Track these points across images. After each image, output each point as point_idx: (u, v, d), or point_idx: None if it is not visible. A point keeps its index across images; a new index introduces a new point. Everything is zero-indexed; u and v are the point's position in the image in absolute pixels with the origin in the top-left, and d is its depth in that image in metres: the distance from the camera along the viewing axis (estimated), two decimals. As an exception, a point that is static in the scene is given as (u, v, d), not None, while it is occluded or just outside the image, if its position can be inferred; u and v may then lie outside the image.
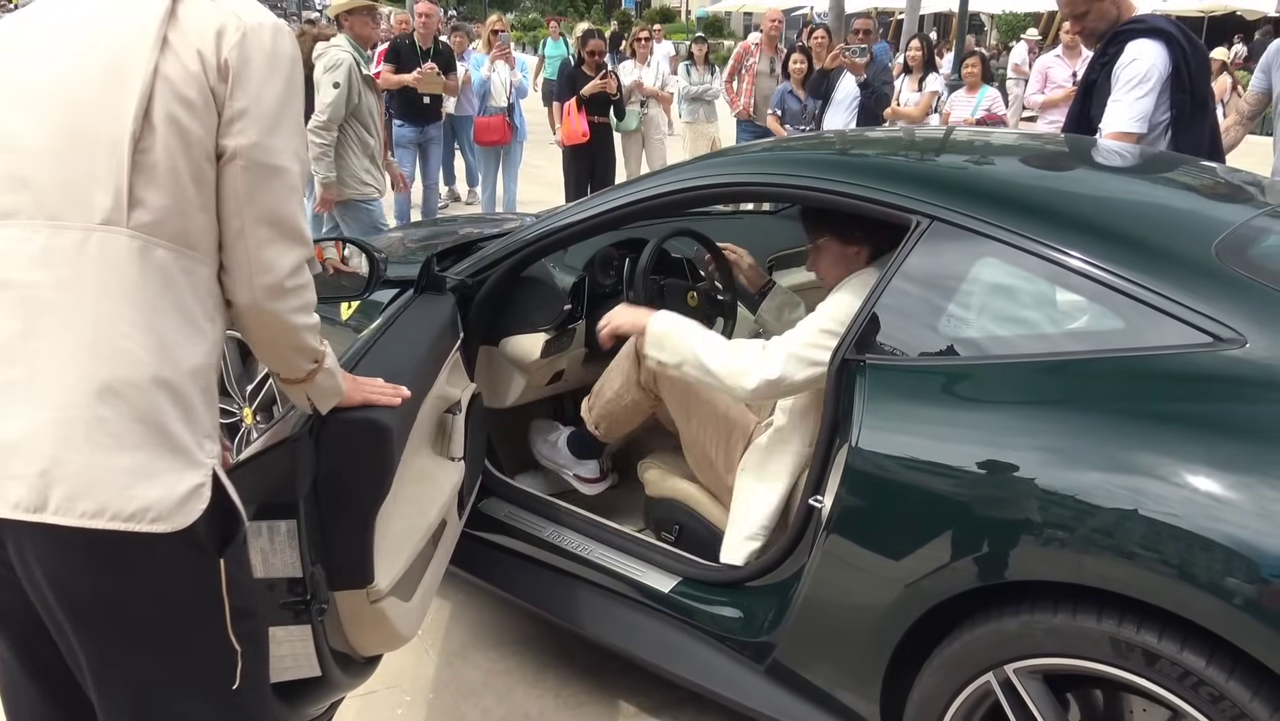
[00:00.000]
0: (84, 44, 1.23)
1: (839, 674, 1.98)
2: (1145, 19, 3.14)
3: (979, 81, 7.44)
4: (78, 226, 1.17)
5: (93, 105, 1.20)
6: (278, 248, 1.29)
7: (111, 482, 1.14)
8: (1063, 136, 3.08)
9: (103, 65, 1.21)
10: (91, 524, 1.13)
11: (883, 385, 1.89)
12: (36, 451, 1.13)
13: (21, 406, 1.15)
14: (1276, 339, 1.64)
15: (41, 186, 1.19)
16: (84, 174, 1.18)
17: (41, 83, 1.22)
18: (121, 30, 1.22)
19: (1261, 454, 1.52)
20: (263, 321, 1.33)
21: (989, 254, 1.91)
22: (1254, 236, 1.93)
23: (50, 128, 1.20)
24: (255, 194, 1.26)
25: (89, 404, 1.15)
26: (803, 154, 2.46)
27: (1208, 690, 1.49)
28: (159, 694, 1.25)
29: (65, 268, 1.17)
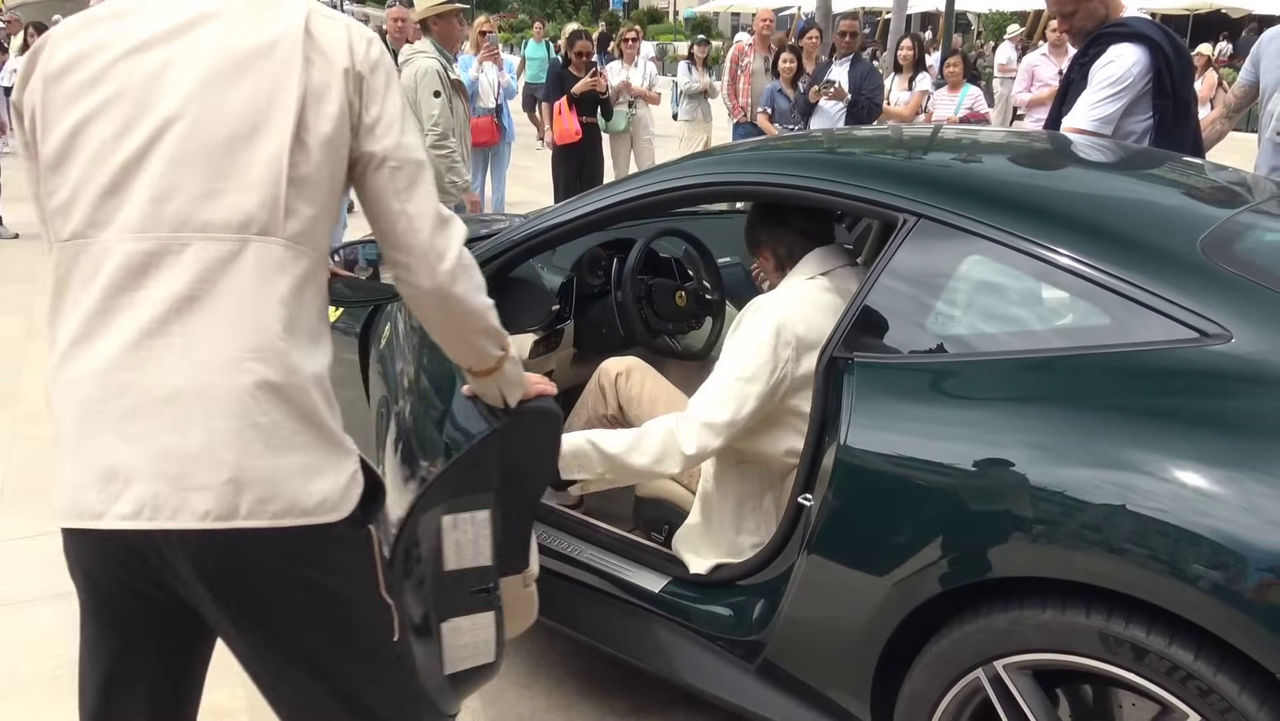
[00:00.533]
0: (227, 59, 1.24)
1: (829, 672, 1.98)
2: (1129, 22, 3.14)
3: (961, 80, 7.48)
4: (232, 238, 1.21)
5: (243, 121, 1.22)
6: (445, 233, 1.35)
7: (292, 482, 1.20)
8: (1048, 134, 3.09)
9: (253, 82, 1.23)
10: (279, 523, 1.20)
11: (871, 383, 1.89)
12: (220, 461, 1.17)
13: (195, 417, 1.18)
14: (1262, 334, 1.65)
15: (191, 199, 1.21)
16: (239, 186, 1.21)
17: (188, 96, 1.22)
18: (263, 46, 1.25)
19: (1248, 448, 1.53)
20: (449, 307, 1.39)
21: (976, 251, 1.91)
22: (1239, 232, 1.94)
23: (200, 141, 1.22)
24: (413, 189, 1.33)
25: (262, 409, 1.20)
26: (790, 153, 2.46)
27: (1196, 684, 1.49)
28: (342, 663, 1.32)
29: (223, 278, 1.20)
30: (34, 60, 1.26)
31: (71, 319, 1.22)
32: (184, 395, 1.18)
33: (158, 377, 1.18)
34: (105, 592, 1.27)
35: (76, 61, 1.23)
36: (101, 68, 1.22)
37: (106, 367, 1.19)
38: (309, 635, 1.29)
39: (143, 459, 1.17)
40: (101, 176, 1.21)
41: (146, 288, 1.19)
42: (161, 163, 1.21)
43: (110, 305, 1.20)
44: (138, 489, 1.17)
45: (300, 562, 1.25)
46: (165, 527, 1.17)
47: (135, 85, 1.22)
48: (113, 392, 1.18)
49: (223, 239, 1.21)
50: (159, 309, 1.19)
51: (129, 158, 1.21)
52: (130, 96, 1.22)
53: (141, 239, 1.20)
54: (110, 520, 1.18)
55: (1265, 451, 1.51)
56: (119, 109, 1.21)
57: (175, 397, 1.18)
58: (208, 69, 1.23)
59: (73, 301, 1.22)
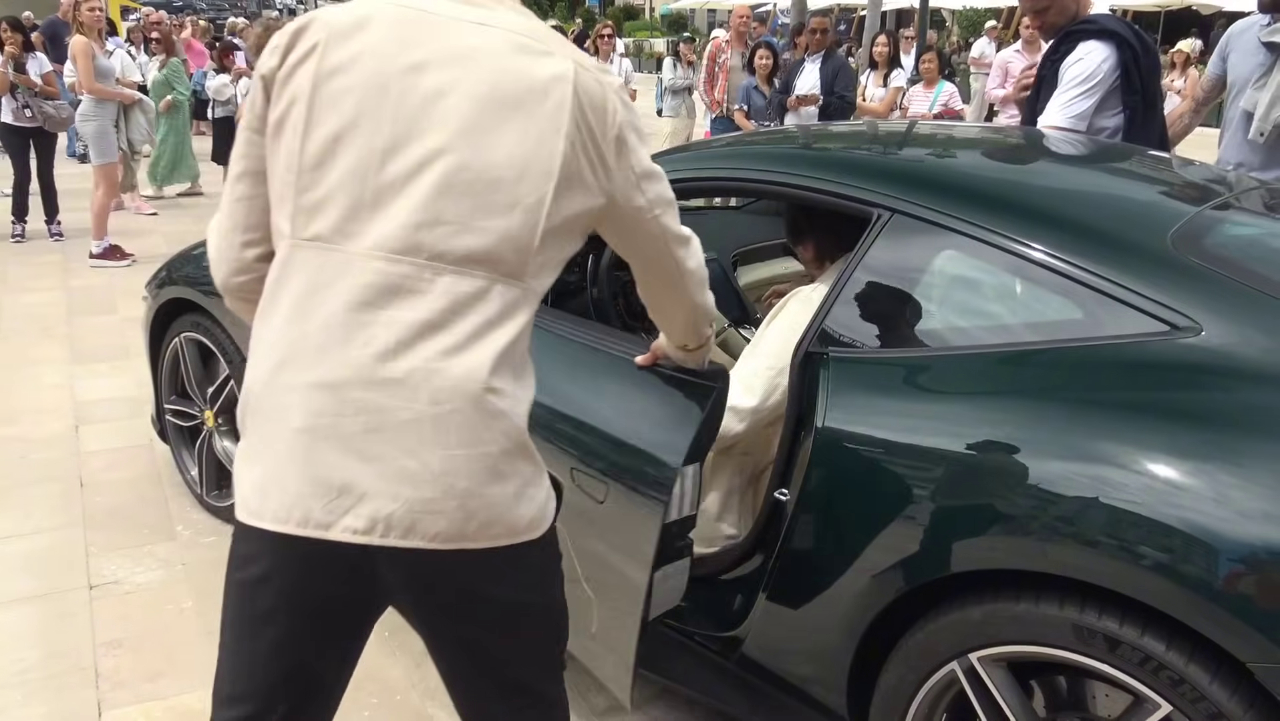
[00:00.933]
0: (499, 99, 1.25)
1: (806, 666, 1.99)
2: (1097, 19, 3.17)
3: (936, 77, 7.51)
4: (483, 276, 1.23)
5: (510, 165, 1.24)
6: (696, 258, 1.54)
7: (510, 507, 1.26)
8: (1021, 129, 3.10)
9: (521, 128, 1.25)
10: (496, 543, 1.26)
11: (846, 378, 1.90)
12: (453, 487, 1.21)
13: (433, 443, 1.21)
14: (1231, 327, 1.66)
15: (451, 232, 1.22)
16: (499, 229, 1.24)
17: (460, 130, 1.23)
18: (534, 91, 1.26)
19: (1218, 440, 1.54)
20: (698, 315, 1.65)
21: (950, 246, 1.92)
22: (1209, 226, 1.96)
23: (468, 177, 1.23)
24: (669, 229, 1.45)
25: (493, 438, 1.24)
26: (765, 148, 2.46)
27: (1168, 674, 1.50)
28: (522, 659, 1.39)
29: (469, 313, 1.23)
30: (294, 43, 1.25)
31: (299, 323, 1.22)
32: (424, 421, 1.20)
33: (399, 400, 1.19)
34: (295, 591, 1.27)
35: (350, 64, 1.23)
36: (376, 79, 1.23)
37: (345, 382, 1.19)
38: (498, 639, 1.36)
39: (380, 479, 1.20)
40: (362, 188, 1.21)
41: (394, 309, 1.20)
42: (426, 190, 1.21)
43: (353, 320, 1.20)
44: (371, 506, 1.20)
45: (504, 577, 1.31)
46: (396, 545, 1.21)
47: (409, 106, 1.22)
48: (350, 409, 1.19)
49: (475, 276, 1.23)
50: (404, 333, 1.20)
51: (395, 177, 1.22)
52: (404, 116, 1.22)
53: (397, 261, 1.21)
54: (338, 532, 1.20)
55: (1235, 443, 1.53)
56: (390, 126, 1.22)
57: (417, 422, 1.20)
58: (481, 106, 1.24)
59: (300, 303, 1.22)
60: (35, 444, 3.99)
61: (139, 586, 2.98)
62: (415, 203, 1.21)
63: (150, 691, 2.51)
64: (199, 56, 12.64)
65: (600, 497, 1.90)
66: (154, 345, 3.51)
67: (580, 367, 2.05)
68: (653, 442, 1.85)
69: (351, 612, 1.33)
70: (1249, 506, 1.45)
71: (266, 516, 1.22)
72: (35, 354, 5.10)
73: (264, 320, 1.27)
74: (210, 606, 2.84)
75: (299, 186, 1.23)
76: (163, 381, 3.50)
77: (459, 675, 1.42)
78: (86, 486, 3.64)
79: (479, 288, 1.23)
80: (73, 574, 3.03)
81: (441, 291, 1.21)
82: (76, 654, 2.65)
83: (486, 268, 1.24)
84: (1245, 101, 3.46)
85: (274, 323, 1.24)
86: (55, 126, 7.50)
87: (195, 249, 3.38)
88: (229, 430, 3.35)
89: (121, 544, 3.22)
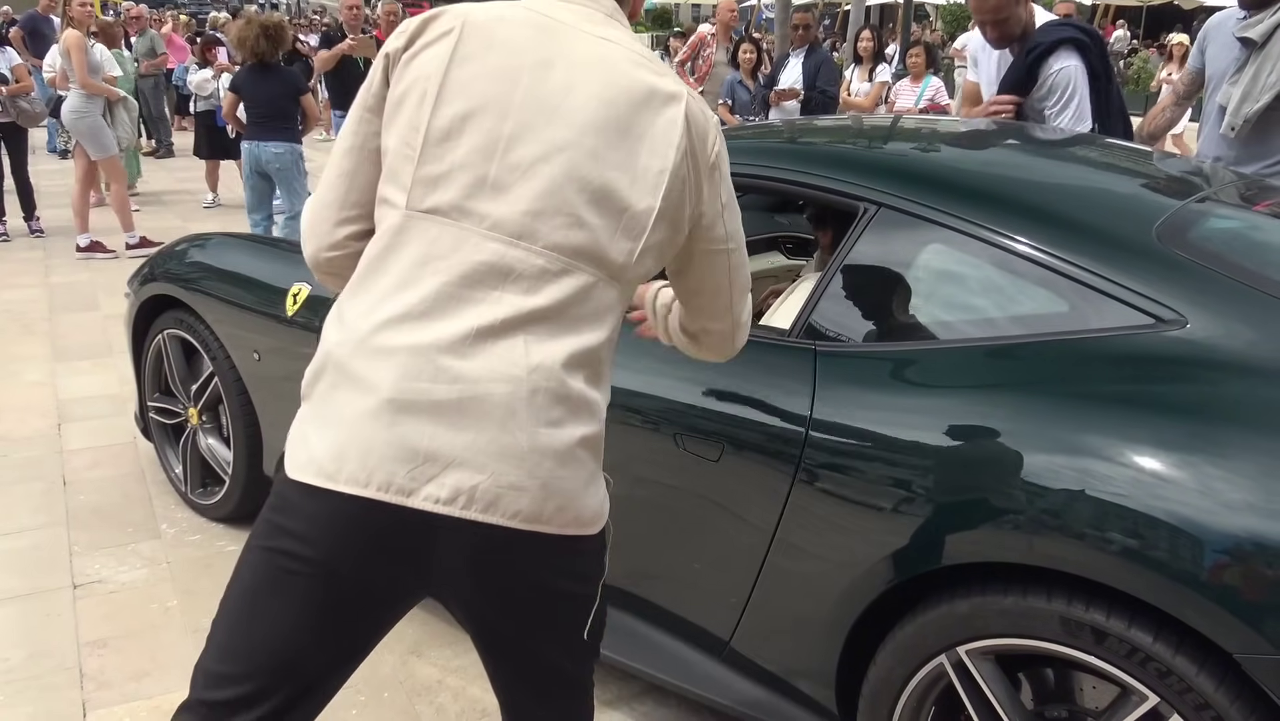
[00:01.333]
0: (620, 107, 1.29)
1: (794, 660, 1.99)
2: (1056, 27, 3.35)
3: (923, 71, 7.52)
4: (590, 272, 1.27)
5: (625, 172, 1.28)
6: (748, 304, 1.56)
7: (579, 497, 1.28)
8: (1007, 124, 3.11)
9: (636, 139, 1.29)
10: (566, 531, 1.27)
11: (833, 372, 1.90)
12: (540, 467, 1.23)
13: (525, 422, 1.22)
14: (1216, 319, 1.67)
15: (565, 225, 1.25)
16: (610, 231, 1.28)
17: (584, 128, 1.27)
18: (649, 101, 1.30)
19: (1203, 433, 1.55)
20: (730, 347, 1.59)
21: (936, 240, 1.92)
22: (1193, 219, 1.97)
23: (585, 175, 1.26)
24: (739, 270, 1.49)
25: (578, 428, 1.27)
26: (751, 143, 2.46)
27: (1156, 666, 1.51)
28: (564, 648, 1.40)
29: (573, 306, 1.26)
30: (424, 29, 1.30)
31: (406, 289, 1.23)
32: (519, 399, 1.21)
33: (497, 376, 1.21)
34: (341, 564, 1.24)
35: (484, 53, 1.27)
36: (507, 69, 1.27)
37: (445, 351, 1.21)
38: (542, 629, 1.37)
39: (469, 450, 1.20)
40: (486, 169, 1.25)
41: (504, 290, 1.23)
42: (547, 181, 1.25)
43: (463, 294, 1.22)
44: (457, 476, 1.20)
45: (563, 566, 1.32)
46: (476, 519, 1.21)
47: (538, 98, 1.27)
48: (447, 377, 1.20)
49: (583, 271, 1.26)
50: (511, 313, 1.23)
51: (519, 163, 1.25)
52: (532, 106, 1.26)
53: (514, 245, 1.24)
54: (419, 500, 1.19)
55: (1220, 435, 1.53)
56: (518, 114, 1.26)
57: (511, 399, 1.21)
58: (606, 107, 1.28)
59: (408, 271, 1.24)
60: (17, 442, 3.96)
61: (123, 585, 2.96)
62: (536, 191, 1.24)
63: (135, 691, 2.49)
64: (180, 52, 12.56)
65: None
66: (137, 342, 3.49)
67: None
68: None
69: (385, 603, 1.30)
70: (1234, 498, 1.46)
71: (341, 479, 1.19)
72: (16, 351, 5.06)
73: (363, 285, 1.27)
74: (195, 605, 2.82)
75: (422, 158, 1.26)
76: (146, 378, 3.48)
77: (501, 661, 1.42)
78: (69, 485, 3.61)
79: (586, 283, 1.27)
80: (56, 573, 3.01)
81: (551, 280, 1.25)
82: (61, 654, 2.63)
83: (595, 265, 1.27)
84: (1220, 96, 3.48)
85: (377, 288, 1.25)
86: (28, 121, 7.42)
87: (178, 245, 3.35)
88: (213, 427, 3.33)
89: (105, 543, 3.20)
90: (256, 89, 6.01)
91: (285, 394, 2.92)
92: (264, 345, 2.92)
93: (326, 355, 1.26)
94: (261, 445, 3.07)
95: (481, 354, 1.21)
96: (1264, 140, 3.37)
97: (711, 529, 2.02)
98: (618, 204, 1.27)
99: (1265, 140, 3.37)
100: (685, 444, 2.01)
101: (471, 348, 1.21)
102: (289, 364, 2.84)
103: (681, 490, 2.05)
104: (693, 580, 2.11)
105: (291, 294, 2.83)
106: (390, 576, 1.27)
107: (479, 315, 1.22)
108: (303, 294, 2.80)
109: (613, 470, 2.18)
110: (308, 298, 2.78)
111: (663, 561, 2.15)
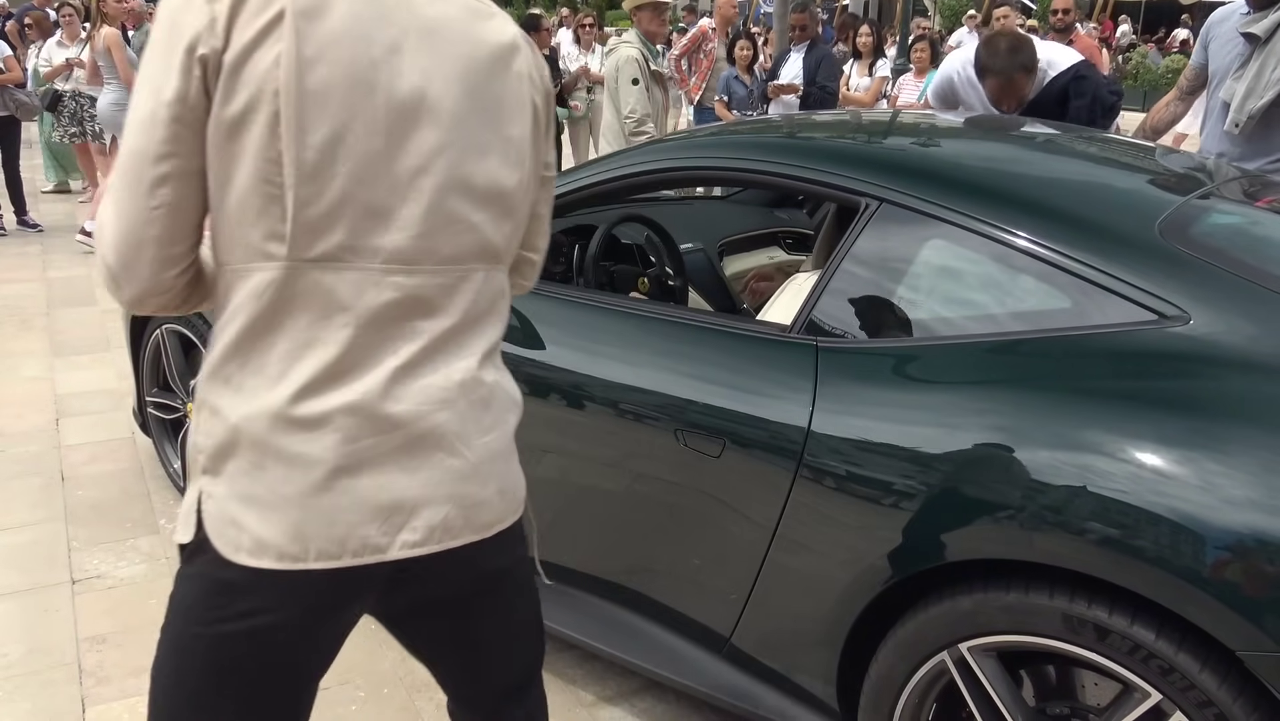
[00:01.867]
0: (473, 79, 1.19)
1: (796, 657, 1.99)
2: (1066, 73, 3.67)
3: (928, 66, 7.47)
4: (482, 268, 1.23)
5: (497, 153, 1.22)
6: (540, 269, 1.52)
7: (519, 480, 1.32)
8: (1008, 119, 3.10)
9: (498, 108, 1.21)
10: (517, 515, 1.32)
11: (835, 367, 1.89)
12: (491, 473, 1.25)
13: (468, 437, 1.22)
14: (1219, 316, 1.67)
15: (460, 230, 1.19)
16: (496, 219, 1.23)
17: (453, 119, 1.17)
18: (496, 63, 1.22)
19: (1205, 429, 1.54)
20: (536, 276, 1.51)
21: (938, 235, 1.91)
22: (1196, 215, 1.96)
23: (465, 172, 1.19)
24: (551, 197, 1.43)
25: (508, 419, 1.29)
26: (751, 138, 2.45)
27: (1158, 663, 1.51)
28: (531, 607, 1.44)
29: (473, 306, 1.23)
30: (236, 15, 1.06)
31: (313, 349, 1.12)
32: (457, 418, 1.20)
33: (432, 405, 1.18)
34: (316, 624, 1.19)
35: (330, 46, 1.08)
36: (359, 70, 1.10)
37: (377, 400, 1.14)
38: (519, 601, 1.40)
39: (429, 486, 1.19)
40: (370, 194, 1.12)
41: (414, 320, 1.17)
42: (431, 194, 1.15)
43: (376, 340, 1.15)
44: (426, 515, 1.18)
45: (513, 543, 1.34)
46: (449, 546, 1.22)
47: (399, 101, 1.12)
48: (387, 426, 1.15)
49: (478, 269, 1.22)
50: (427, 341, 1.18)
51: (399, 181, 1.13)
52: (395, 113, 1.12)
53: (413, 272, 1.16)
54: (396, 551, 1.17)
55: (1222, 431, 1.53)
56: (385, 125, 1.11)
57: (450, 421, 1.19)
58: (463, 89, 1.17)
59: (311, 330, 1.12)
60: (15, 438, 3.95)
61: (122, 581, 2.95)
62: (423, 208, 1.15)
63: (135, 686, 2.49)
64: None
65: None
66: (135, 337, 3.48)
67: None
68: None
69: (350, 626, 1.28)
70: (1237, 494, 1.46)
71: (311, 557, 1.13)
72: (14, 346, 5.05)
73: (255, 348, 1.12)
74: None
75: (297, 199, 1.08)
76: (144, 374, 3.47)
77: (469, 650, 1.40)
78: (68, 480, 3.60)
79: (481, 280, 1.23)
80: (55, 569, 3.00)
81: (453, 293, 1.20)
82: (60, 650, 2.62)
83: (487, 259, 1.23)
84: (1224, 92, 3.47)
85: (275, 351, 1.12)
86: (26, 115, 7.40)
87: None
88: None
89: (104, 538, 3.19)
90: None
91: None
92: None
93: (234, 431, 1.12)
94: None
95: (411, 391, 1.16)
96: (1268, 136, 3.37)
97: (712, 525, 2.02)
98: (497, 190, 1.21)
99: (1269, 136, 3.37)
100: (686, 439, 2.01)
101: (401, 388, 1.16)
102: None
103: (683, 486, 2.05)
104: (693, 576, 2.11)
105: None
106: (355, 615, 1.25)
107: (398, 354, 1.16)
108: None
109: (614, 465, 2.19)
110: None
111: (663, 557, 2.15)
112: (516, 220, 1.26)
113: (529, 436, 2.35)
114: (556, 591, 2.38)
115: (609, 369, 2.16)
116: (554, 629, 2.35)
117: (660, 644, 2.20)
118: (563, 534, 2.36)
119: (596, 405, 2.17)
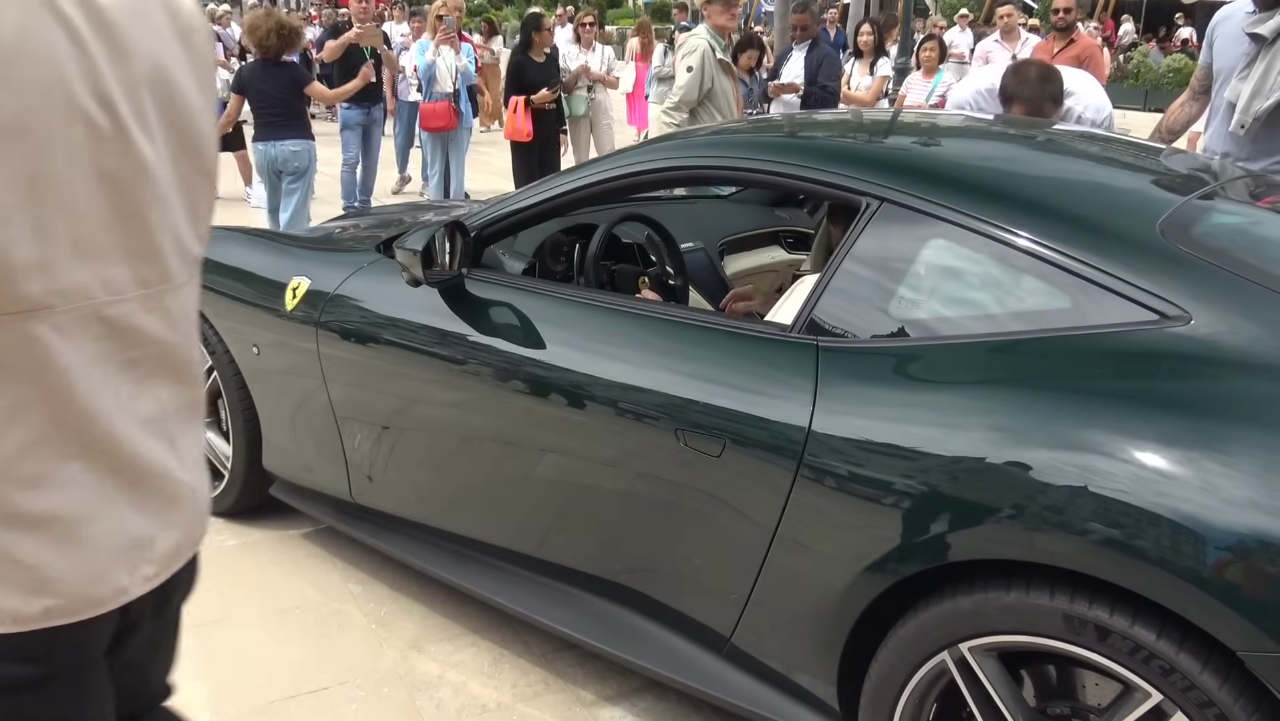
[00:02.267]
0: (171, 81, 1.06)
1: (796, 657, 1.98)
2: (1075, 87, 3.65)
3: (936, 66, 7.44)
4: (191, 277, 1.15)
5: (190, 135, 1.09)
6: None
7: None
8: (1009, 119, 3.10)
9: (181, 81, 1.07)
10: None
11: (836, 367, 1.89)
12: (201, 487, 1.22)
13: (182, 456, 1.17)
14: (1220, 316, 1.67)
15: (171, 240, 1.09)
16: (204, 218, 1.16)
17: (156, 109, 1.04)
18: (191, 67, 1.09)
19: (1206, 429, 1.54)
20: None
21: (939, 235, 1.91)
22: (1197, 214, 1.96)
23: (170, 172, 1.08)
24: None
25: (199, 429, 1.24)
26: (753, 137, 2.45)
27: (1159, 663, 1.51)
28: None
29: (182, 313, 1.14)
30: None
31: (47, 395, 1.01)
32: (168, 438, 1.14)
33: (148, 443, 1.10)
34: (91, 663, 1.16)
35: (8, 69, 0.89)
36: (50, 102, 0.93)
37: (111, 448, 1.07)
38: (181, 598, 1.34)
39: (156, 517, 1.14)
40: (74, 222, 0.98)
41: (133, 348, 1.07)
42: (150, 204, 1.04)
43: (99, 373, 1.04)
44: (161, 545, 1.15)
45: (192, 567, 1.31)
46: (179, 566, 1.20)
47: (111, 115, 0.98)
48: (110, 468, 1.08)
49: (187, 281, 1.13)
50: (144, 374, 1.09)
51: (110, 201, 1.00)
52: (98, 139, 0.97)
53: (122, 300, 1.03)
54: (137, 587, 1.13)
55: (1223, 432, 1.53)
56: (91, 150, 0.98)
57: (161, 448, 1.13)
58: (166, 88, 1.04)
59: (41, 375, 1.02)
60: (15, 436, 3.94)
61: None
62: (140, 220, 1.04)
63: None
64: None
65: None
66: None
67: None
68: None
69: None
70: (1238, 494, 1.46)
71: (78, 606, 1.07)
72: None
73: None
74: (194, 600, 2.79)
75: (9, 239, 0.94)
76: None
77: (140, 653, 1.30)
78: (68, 479, 3.59)
79: (191, 289, 1.15)
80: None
81: (165, 311, 1.10)
82: None
83: (193, 265, 1.14)
84: (1229, 92, 3.46)
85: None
86: None
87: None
88: (212, 421, 3.32)
89: None
90: (263, 86, 5.95)
91: (284, 388, 2.91)
92: (263, 339, 2.91)
93: None
94: (260, 439, 3.06)
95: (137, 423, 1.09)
96: (1273, 137, 3.36)
97: (713, 525, 2.02)
98: (199, 182, 1.13)
99: (1275, 137, 3.36)
100: (687, 439, 2.00)
101: (124, 425, 1.07)
102: (288, 358, 2.84)
103: (683, 485, 2.05)
104: (694, 576, 2.11)
105: (291, 288, 2.82)
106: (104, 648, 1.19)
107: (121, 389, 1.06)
108: (302, 288, 2.79)
109: (614, 465, 2.19)
110: (307, 292, 2.77)
111: (663, 557, 2.15)
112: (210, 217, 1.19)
113: (530, 436, 2.37)
114: (556, 591, 2.38)
115: (609, 368, 2.16)
116: (554, 628, 2.36)
117: (660, 643, 2.20)
118: (563, 533, 2.36)
119: (597, 405, 2.17)
